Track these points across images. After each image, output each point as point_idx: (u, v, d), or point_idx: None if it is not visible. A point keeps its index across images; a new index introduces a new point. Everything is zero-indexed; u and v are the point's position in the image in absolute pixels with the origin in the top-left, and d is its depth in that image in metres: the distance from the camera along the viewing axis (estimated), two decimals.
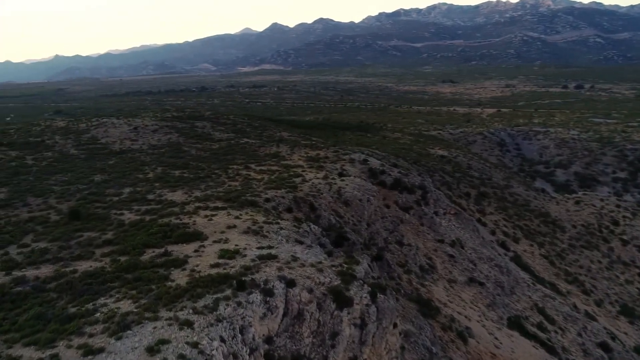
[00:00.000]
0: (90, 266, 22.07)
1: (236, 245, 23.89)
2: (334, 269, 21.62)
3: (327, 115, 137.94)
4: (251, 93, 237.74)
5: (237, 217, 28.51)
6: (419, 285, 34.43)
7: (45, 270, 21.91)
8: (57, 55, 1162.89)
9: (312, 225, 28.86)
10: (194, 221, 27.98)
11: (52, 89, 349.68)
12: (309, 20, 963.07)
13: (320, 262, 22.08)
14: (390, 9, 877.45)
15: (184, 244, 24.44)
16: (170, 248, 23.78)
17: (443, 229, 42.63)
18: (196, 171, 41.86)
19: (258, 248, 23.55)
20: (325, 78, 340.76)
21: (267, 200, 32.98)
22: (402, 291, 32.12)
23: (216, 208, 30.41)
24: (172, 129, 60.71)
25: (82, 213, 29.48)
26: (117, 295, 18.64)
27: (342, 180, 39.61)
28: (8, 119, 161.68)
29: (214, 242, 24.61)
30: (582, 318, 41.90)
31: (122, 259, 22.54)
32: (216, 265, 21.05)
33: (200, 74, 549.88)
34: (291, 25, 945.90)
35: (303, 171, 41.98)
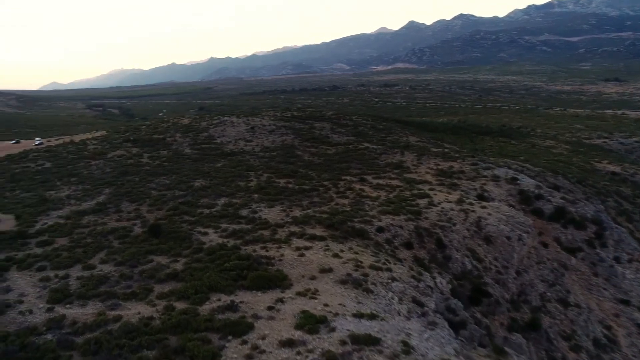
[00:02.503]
0: (139, 312, 17.11)
1: (325, 305, 16.89)
2: None
3: (463, 117, 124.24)
4: (382, 92, 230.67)
5: (336, 255, 21.54)
6: None
7: (89, 311, 17.55)
8: (211, 58, 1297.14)
9: (438, 278, 20.53)
10: (281, 255, 21.76)
11: (202, 87, 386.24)
12: (448, 17, 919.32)
13: None
14: (541, 0, 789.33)
15: (259, 293, 18.27)
16: (239, 297, 17.81)
17: (628, 283, 30.35)
18: (303, 181, 36.08)
19: (355, 315, 16.19)
20: (462, 77, 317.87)
21: (380, 229, 25.43)
22: None
23: (313, 237, 23.87)
24: (289, 130, 56.46)
25: (162, 230, 25.45)
26: None
27: (483, 206, 30.08)
28: (161, 114, 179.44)
29: (298, 294, 17.96)
30: None
31: (178, 307, 17.14)
32: (289, 342, 14.27)
33: (333, 73, 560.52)
34: (428, 22, 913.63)
35: (431, 190, 33.40)
